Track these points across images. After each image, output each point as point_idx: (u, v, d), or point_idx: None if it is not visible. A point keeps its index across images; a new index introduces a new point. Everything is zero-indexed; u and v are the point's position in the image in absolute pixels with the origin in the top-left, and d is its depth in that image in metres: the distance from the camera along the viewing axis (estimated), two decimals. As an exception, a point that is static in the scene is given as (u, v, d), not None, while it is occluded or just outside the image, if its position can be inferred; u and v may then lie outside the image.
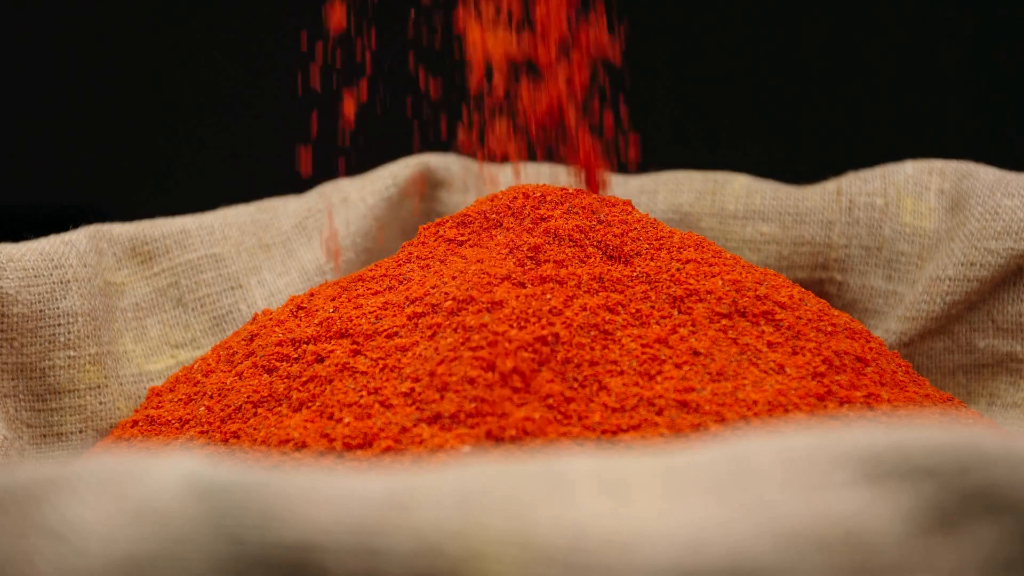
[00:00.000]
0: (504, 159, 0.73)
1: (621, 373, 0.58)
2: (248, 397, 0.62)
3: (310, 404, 0.60)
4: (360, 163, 0.83)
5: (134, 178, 1.22)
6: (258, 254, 0.79)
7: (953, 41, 1.18)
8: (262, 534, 0.37)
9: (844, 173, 0.81)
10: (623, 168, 0.85)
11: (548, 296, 0.61)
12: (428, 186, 0.84)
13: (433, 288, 0.63)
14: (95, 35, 1.19)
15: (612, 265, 0.64)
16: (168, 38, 1.20)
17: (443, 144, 0.78)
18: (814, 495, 0.38)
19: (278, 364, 0.63)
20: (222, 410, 0.62)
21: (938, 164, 0.79)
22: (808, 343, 0.62)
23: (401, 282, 0.65)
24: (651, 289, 0.63)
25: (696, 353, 0.60)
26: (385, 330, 0.61)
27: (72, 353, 0.70)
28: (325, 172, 0.83)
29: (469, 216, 0.68)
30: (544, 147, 0.68)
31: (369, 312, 0.63)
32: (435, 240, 0.68)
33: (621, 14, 0.67)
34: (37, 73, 1.20)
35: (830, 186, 0.80)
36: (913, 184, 0.78)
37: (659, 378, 0.58)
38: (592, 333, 0.60)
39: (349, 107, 0.69)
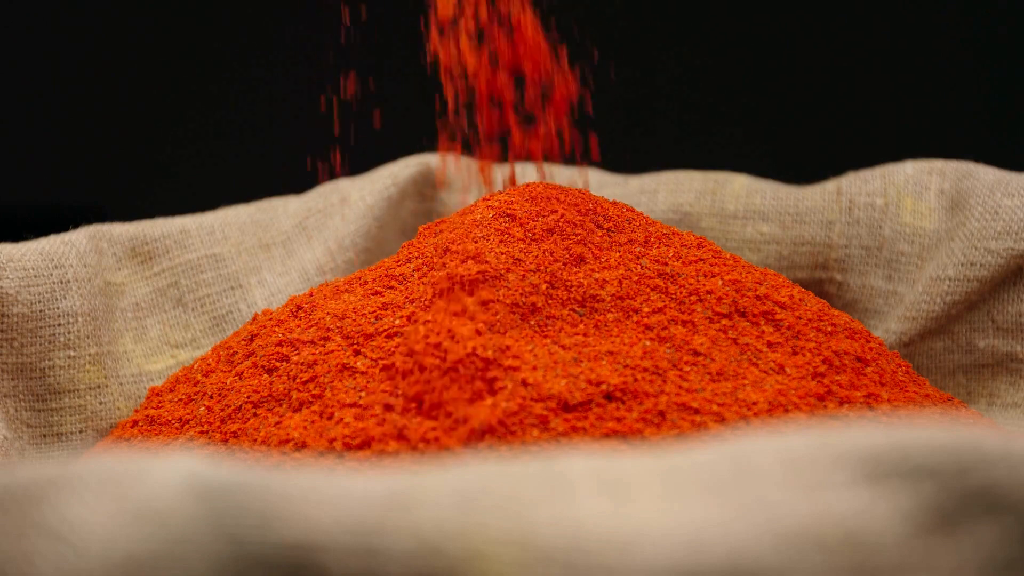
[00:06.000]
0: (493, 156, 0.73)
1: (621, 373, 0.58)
2: (248, 397, 0.62)
3: (310, 404, 0.60)
4: (360, 163, 0.83)
5: (134, 178, 1.22)
6: (258, 254, 0.79)
7: (953, 41, 1.18)
8: (262, 534, 0.37)
9: (844, 173, 0.81)
10: (624, 166, 0.85)
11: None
12: (428, 186, 0.84)
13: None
14: (95, 35, 1.19)
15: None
16: (168, 38, 1.20)
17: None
18: (814, 495, 0.38)
19: (278, 364, 0.63)
20: (222, 410, 0.62)
21: (938, 164, 0.79)
22: (808, 343, 0.62)
23: (401, 282, 0.65)
24: (651, 289, 0.63)
25: (696, 353, 0.60)
26: (385, 330, 0.61)
27: (72, 353, 0.70)
28: (325, 172, 0.83)
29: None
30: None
31: (369, 312, 0.63)
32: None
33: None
34: (38, 73, 1.20)
35: (830, 186, 0.80)
36: (913, 184, 0.78)
37: (659, 379, 0.58)
38: (592, 333, 0.60)
39: (351, 87, 0.68)
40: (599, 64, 0.69)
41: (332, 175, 0.77)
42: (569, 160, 0.69)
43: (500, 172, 0.83)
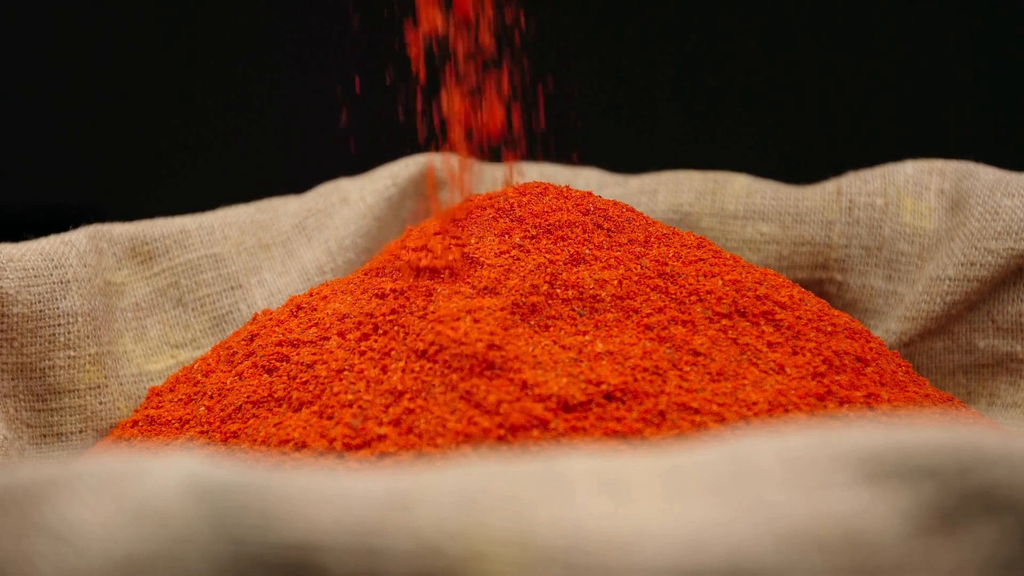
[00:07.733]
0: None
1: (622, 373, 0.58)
2: (248, 397, 0.62)
3: (310, 404, 0.60)
4: (360, 163, 0.83)
5: (134, 178, 1.22)
6: (258, 254, 0.79)
7: (953, 41, 1.18)
8: (262, 534, 0.37)
9: (844, 173, 0.81)
10: (616, 163, 0.85)
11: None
12: (428, 186, 0.84)
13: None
14: (95, 35, 1.19)
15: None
16: (168, 38, 1.20)
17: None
18: (814, 495, 0.38)
19: (278, 364, 0.63)
20: (222, 410, 0.62)
21: (938, 164, 0.79)
22: (808, 343, 0.62)
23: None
24: (651, 289, 0.63)
25: (696, 353, 0.60)
26: (385, 330, 0.61)
27: (72, 353, 0.70)
28: (325, 172, 0.84)
29: (460, 216, 0.68)
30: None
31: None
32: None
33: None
34: (38, 73, 1.20)
35: (830, 186, 0.80)
36: (913, 184, 0.78)
37: (659, 379, 0.58)
38: (592, 333, 0.60)
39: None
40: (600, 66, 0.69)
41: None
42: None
43: (498, 172, 0.83)
